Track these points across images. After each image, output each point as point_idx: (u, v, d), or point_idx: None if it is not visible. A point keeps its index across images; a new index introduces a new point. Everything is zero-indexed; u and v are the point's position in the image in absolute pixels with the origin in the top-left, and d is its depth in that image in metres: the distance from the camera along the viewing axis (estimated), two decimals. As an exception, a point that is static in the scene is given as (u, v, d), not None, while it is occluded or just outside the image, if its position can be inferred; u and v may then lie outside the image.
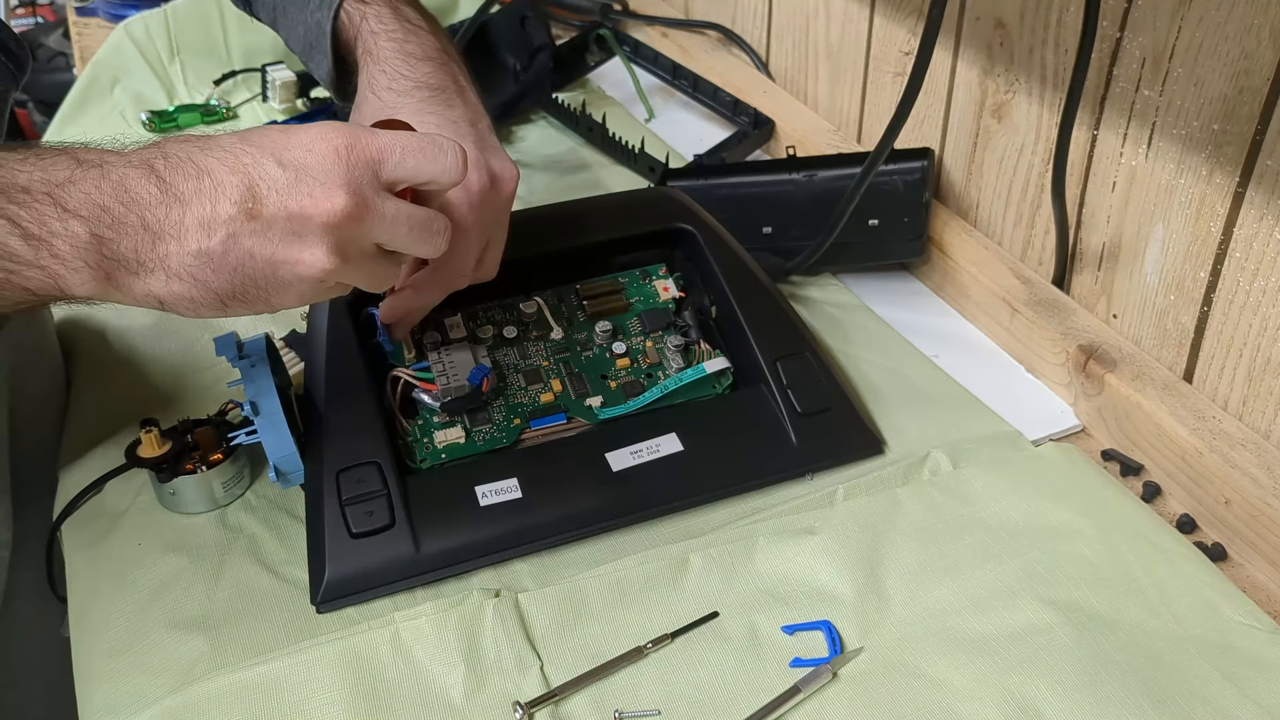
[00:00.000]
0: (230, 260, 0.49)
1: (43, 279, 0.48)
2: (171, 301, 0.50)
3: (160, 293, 0.50)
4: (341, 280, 0.52)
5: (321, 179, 0.50)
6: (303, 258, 0.50)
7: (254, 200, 0.49)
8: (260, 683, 0.56)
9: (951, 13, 0.86)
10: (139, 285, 0.49)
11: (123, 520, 0.67)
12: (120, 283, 0.49)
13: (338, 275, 0.51)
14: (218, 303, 0.50)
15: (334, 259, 0.50)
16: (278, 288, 0.51)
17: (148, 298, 0.50)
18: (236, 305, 0.51)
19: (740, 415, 0.70)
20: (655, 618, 0.60)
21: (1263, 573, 0.64)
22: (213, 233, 0.49)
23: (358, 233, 0.51)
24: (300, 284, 0.51)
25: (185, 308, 0.50)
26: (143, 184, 0.49)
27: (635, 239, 0.77)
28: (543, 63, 1.12)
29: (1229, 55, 0.65)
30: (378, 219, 0.51)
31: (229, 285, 0.50)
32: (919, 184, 0.84)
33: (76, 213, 0.48)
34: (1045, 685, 0.55)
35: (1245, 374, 0.69)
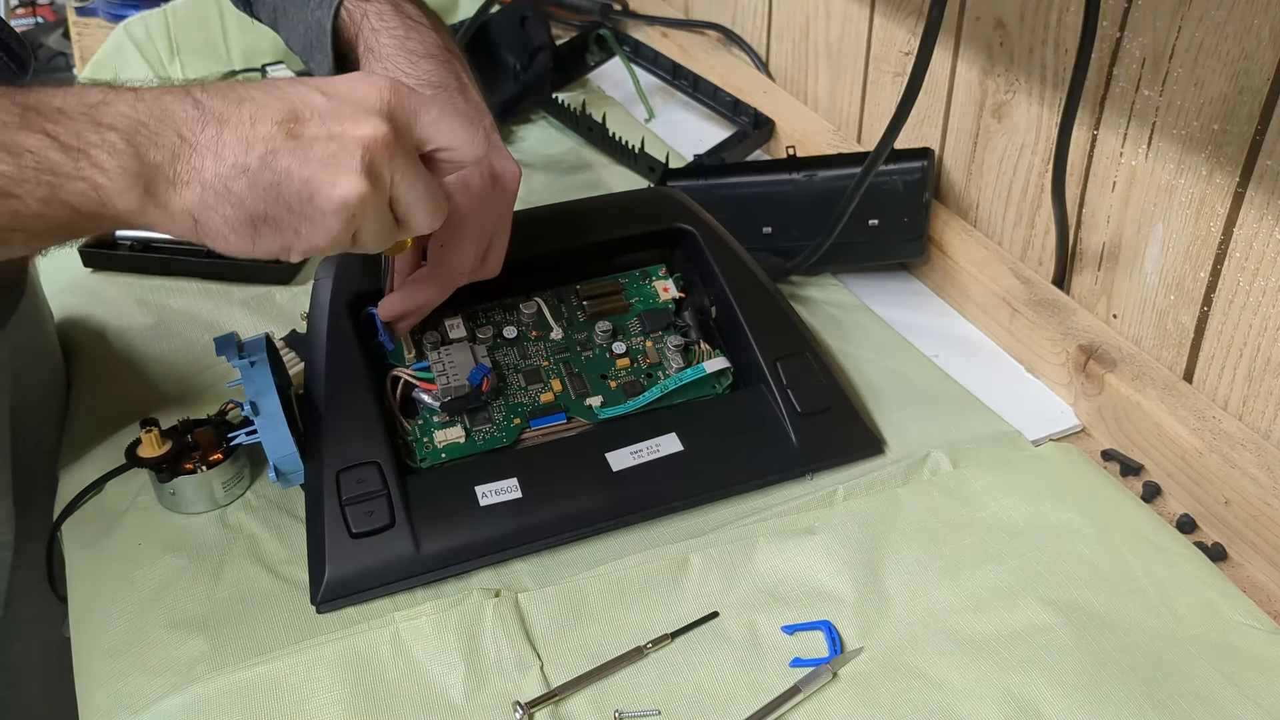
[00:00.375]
0: (266, 177, 0.49)
1: (85, 192, 0.48)
2: (205, 219, 0.50)
3: (194, 208, 0.49)
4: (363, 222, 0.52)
5: (363, 107, 0.50)
6: (339, 181, 0.50)
7: (295, 121, 0.49)
8: (260, 683, 0.56)
9: (951, 13, 0.86)
10: (176, 199, 0.49)
11: (123, 520, 0.67)
12: (159, 196, 0.49)
13: (367, 209, 0.51)
14: (249, 225, 0.50)
15: (365, 186, 0.50)
16: (308, 215, 0.50)
17: (184, 215, 0.50)
18: (267, 233, 0.51)
19: (740, 415, 0.70)
20: (655, 618, 0.60)
21: (1263, 573, 0.64)
22: (251, 148, 0.49)
23: (389, 167, 0.51)
24: (330, 212, 0.50)
25: (217, 227, 0.50)
26: (180, 104, 0.49)
27: (635, 239, 0.77)
28: (543, 63, 1.12)
29: (1229, 55, 0.65)
30: (407, 157, 0.52)
31: (262, 206, 0.50)
32: (919, 184, 0.84)
33: (112, 126, 0.48)
34: (1045, 685, 0.55)
35: (1245, 374, 0.69)
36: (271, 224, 0.50)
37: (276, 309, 0.86)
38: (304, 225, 0.51)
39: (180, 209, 0.49)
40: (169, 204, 0.49)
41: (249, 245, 0.51)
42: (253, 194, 0.49)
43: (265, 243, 0.51)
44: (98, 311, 0.85)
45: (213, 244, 0.51)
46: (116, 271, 0.90)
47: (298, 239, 0.51)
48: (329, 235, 0.51)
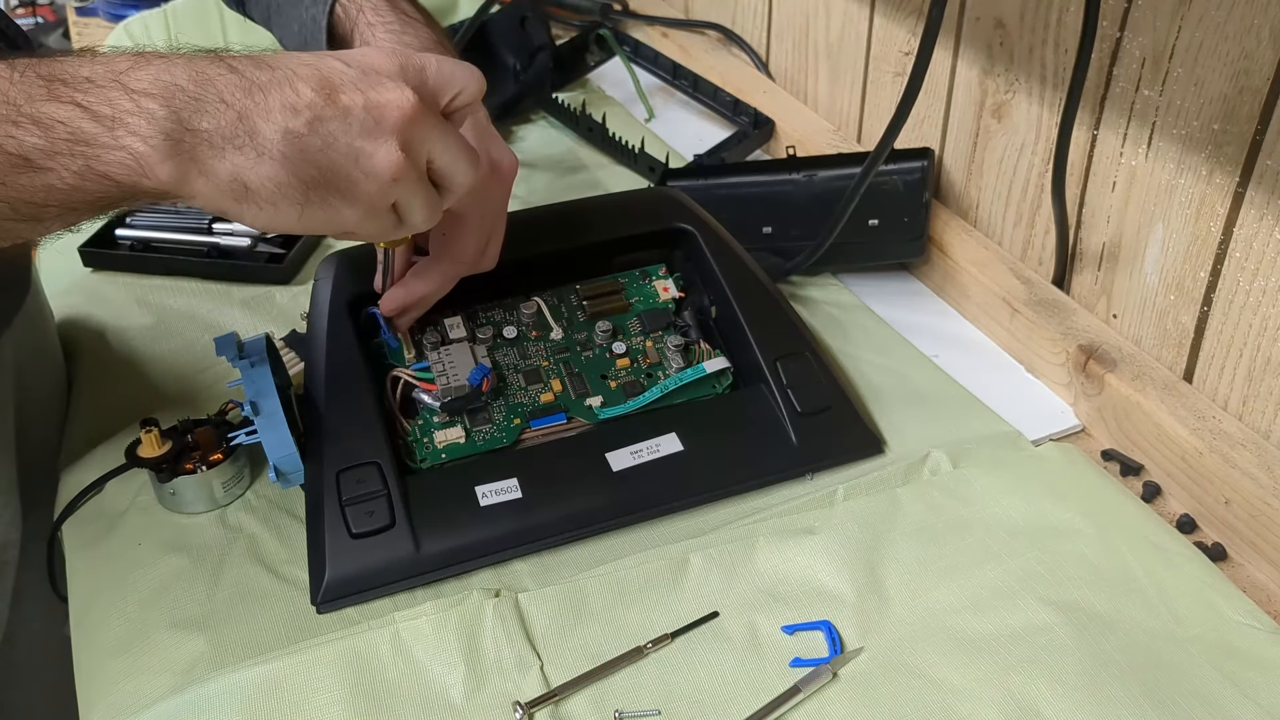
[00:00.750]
0: (315, 143, 0.49)
1: (123, 161, 0.46)
2: (257, 185, 0.48)
3: (247, 173, 0.48)
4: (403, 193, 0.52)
5: (388, 75, 0.51)
6: (379, 151, 0.50)
7: (330, 89, 0.49)
8: (260, 683, 0.56)
9: (951, 13, 0.86)
10: (224, 164, 0.48)
11: (123, 520, 0.67)
12: (204, 163, 0.47)
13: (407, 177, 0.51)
14: (301, 193, 0.49)
15: (404, 156, 0.50)
16: (354, 182, 0.50)
17: (233, 181, 0.48)
18: (316, 202, 0.50)
19: (740, 415, 0.70)
20: (655, 618, 0.60)
21: (1263, 573, 0.64)
22: (298, 114, 0.48)
23: (423, 135, 0.51)
24: (374, 182, 0.50)
25: (268, 197, 0.49)
26: (216, 69, 0.48)
27: (635, 239, 0.77)
28: (543, 63, 1.12)
29: (1229, 55, 0.65)
30: (435, 118, 0.52)
31: (314, 173, 0.49)
32: (919, 184, 0.84)
33: (147, 92, 0.46)
34: (1045, 685, 0.55)
35: (1245, 374, 0.69)
36: (320, 192, 0.50)
37: (276, 309, 0.86)
38: (348, 195, 0.50)
39: (229, 175, 0.48)
40: (215, 170, 0.48)
41: (294, 215, 0.50)
42: (304, 159, 0.49)
43: (313, 212, 0.50)
44: (98, 311, 0.85)
45: (257, 214, 0.49)
46: (116, 271, 0.90)
47: (342, 209, 0.51)
48: (370, 205, 0.51)
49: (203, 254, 0.90)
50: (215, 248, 0.90)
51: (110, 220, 0.93)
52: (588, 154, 1.07)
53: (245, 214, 0.49)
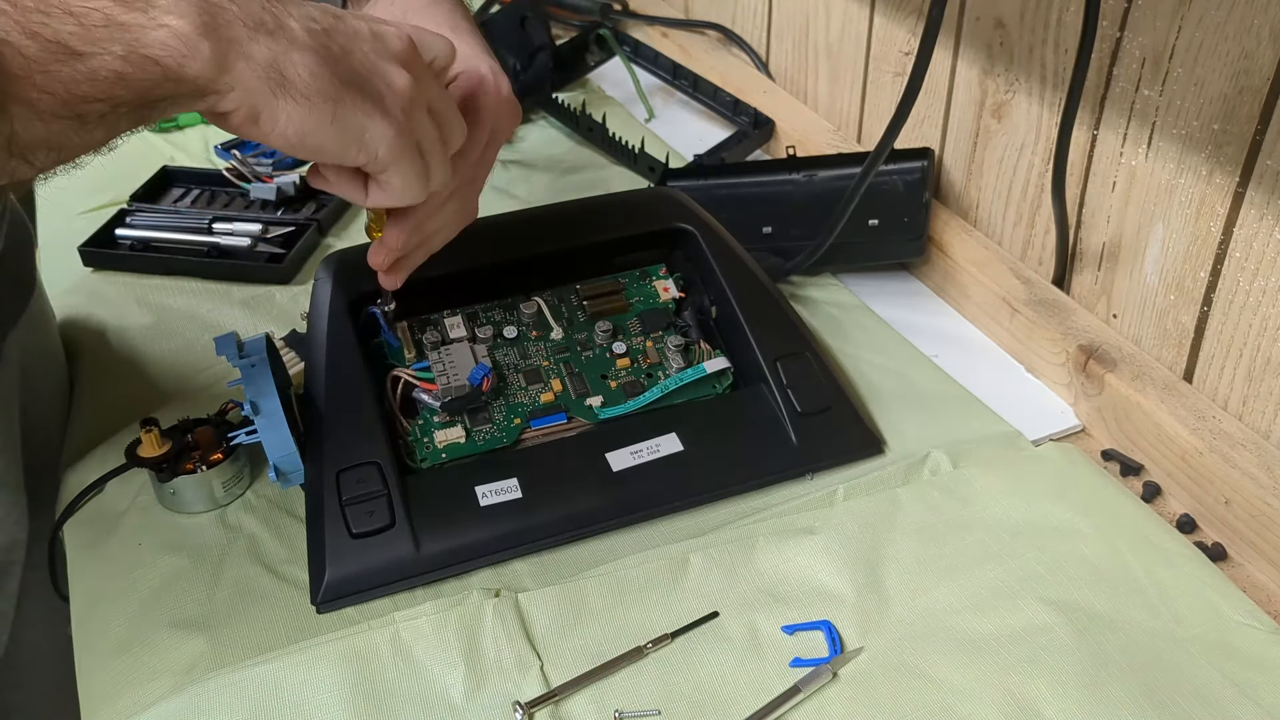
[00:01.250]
0: (337, 47, 0.49)
1: (165, 42, 0.45)
2: (293, 74, 0.48)
3: (283, 62, 0.47)
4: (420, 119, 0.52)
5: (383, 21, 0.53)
6: (391, 70, 0.51)
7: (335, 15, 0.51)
8: (260, 682, 0.56)
9: (951, 13, 0.86)
10: (262, 48, 0.47)
11: (123, 520, 0.67)
12: (242, 44, 0.46)
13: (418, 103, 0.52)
14: (335, 87, 0.49)
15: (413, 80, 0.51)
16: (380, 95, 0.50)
17: (270, 69, 0.47)
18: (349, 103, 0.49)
19: (740, 415, 0.70)
20: (655, 618, 0.60)
21: (1263, 573, 0.64)
22: (316, 20, 0.49)
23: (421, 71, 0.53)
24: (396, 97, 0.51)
25: (304, 89, 0.48)
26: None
27: (635, 239, 0.77)
28: (543, 63, 1.12)
29: (1229, 55, 0.65)
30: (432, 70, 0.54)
31: (344, 69, 0.49)
32: (919, 184, 0.84)
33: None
34: (1045, 685, 0.55)
35: (1245, 374, 0.69)
36: (353, 93, 0.49)
37: (276, 309, 0.86)
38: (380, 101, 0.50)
39: (266, 59, 0.47)
40: (254, 54, 0.47)
41: (328, 118, 0.49)
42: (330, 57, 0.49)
43: (345, 116, 0.49)
44: (98, 311, 0.85)
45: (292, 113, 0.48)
46: (116, 271, 0.90)
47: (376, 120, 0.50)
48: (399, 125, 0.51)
49: (203, 254, 0.90)
50: (215, 248, 0.90)
51: (110, 220, 0.93)
52: (588, 154, 1.07)
53: (281, 112, 0.48)
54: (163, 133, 1.10)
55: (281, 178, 0.97)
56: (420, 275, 0.71)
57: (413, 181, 0.54)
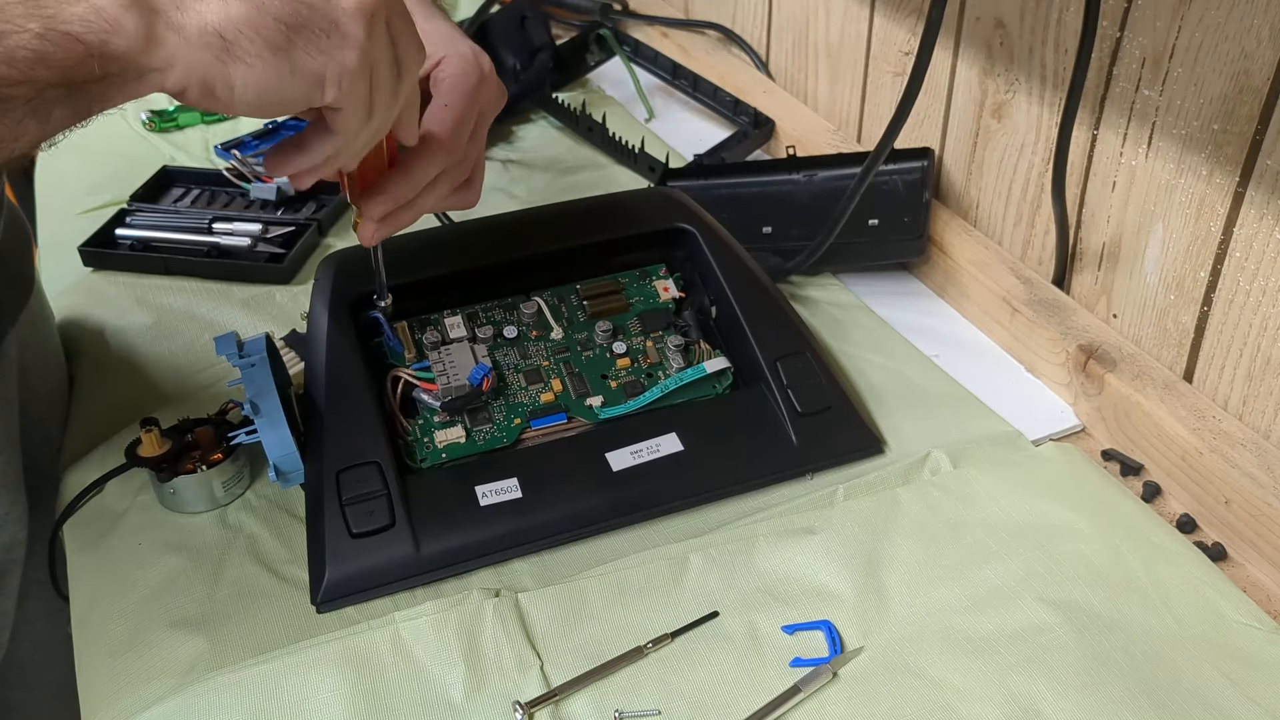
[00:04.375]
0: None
1: (85, 17, 0.42)
2: (233, 33, 0.45)
3: (217, 20, 0.44)
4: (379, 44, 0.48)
5: None
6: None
7: None
8: (260, 682, 0.56)
9: (951, 13, 0.86)
10: (191, 16, 0.44)
11: (123, 520, 0.67)
12: (168, 15, 0.44)
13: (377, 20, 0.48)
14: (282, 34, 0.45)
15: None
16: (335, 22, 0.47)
17: (205, 33, 0.44)
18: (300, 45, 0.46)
19: (740, 415, 0.70)
20: (655, 618, 0.60)
21: (1263, 573, 0.64)
22: None
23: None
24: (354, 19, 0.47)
25: (249, 45, 0.45)
26: None
27: (635, 239, 0.77)
28: (543, 63, 1.12)
29: (1229, 55, 0.65)
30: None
31: (289, 9, 0.45)
32: (919, 184, 0.84)
33: None
34: (1045, 685, 0.55)
35: (1245, 374, 0.69)
36: (303, 33, 0.46)
37: (276, 309, 0.86)
38: (334, 33, 0.47)
39: (200, 26, 0.44)
40: (184, 24, 0.44)
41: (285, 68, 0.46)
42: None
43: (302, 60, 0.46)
44: (98, 311, 0.85)
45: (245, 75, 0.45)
46: (116, 271, 0.90)
47: (331, 55, 0.47)
48: (360, 44, 0.47)
49: (203, 254, 0.90)
50: (215, 247, 0.90)
51: (110, 220, 0.93)
52: (588, 154, 1.07)
53: (235, 76, 0.45)
54: (162, 133, 1.10)
55: (282, 178, 0.97)
56: (420, 275, 0.72)
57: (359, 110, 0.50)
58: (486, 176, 0.70)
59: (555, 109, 1.12)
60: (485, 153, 0.67)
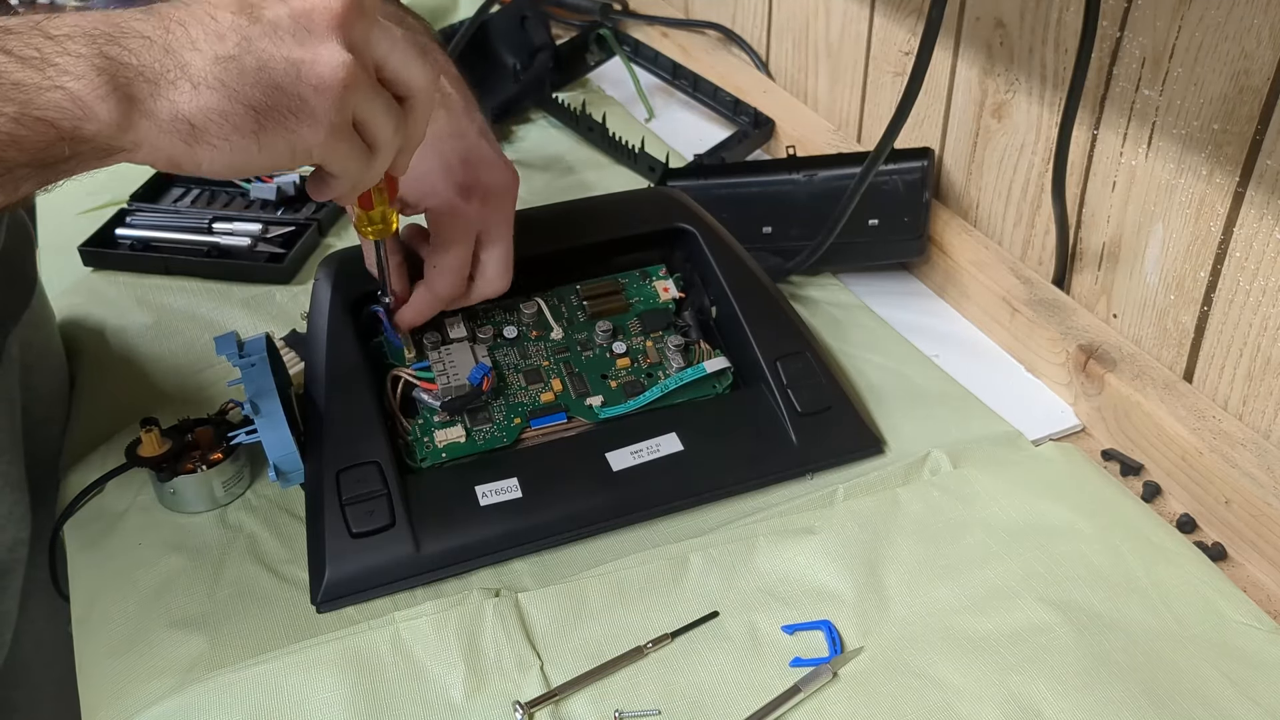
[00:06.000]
0: (251, 62, 0.46)
1: (60, 103, 0.43)
2: (203, 121, 0.45)
3: (189, 109, 0.45)
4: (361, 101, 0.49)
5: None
6: (320, 55, 0.47)
7: (250, 7, 0.47)
8: (260, 682, 0.56)
9: (951, 13, 0.86)
10: (164, 103, 0.45)
11: (123, 520, 0.67)
12: (143, 102, 0.45)
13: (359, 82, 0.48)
14: (251, 120, 0.46)
15: (350, 56, 0.47)
16: (306, 99, 0.47)
17: (176, 121, 0.45)
18: (270, 128, 0.47)
19: (740, 415, 0.70)
20: (655, 618, 0.60)
21: (1263, 573, 0.64)
22: (224, 39, 0.46)
23: (362, 28, 0.49)
24: (327, 91, 0.47)
25: (218, 131, 0.46)
26: (129, 14, 0.46)
27: (635, 239, 0.77)
28: (543, 63, 1.12)
29: (1229, 55, 0.65)
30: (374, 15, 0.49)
31: (259, 93, 0.46)
32: (919, 184, 0.84)
33: (69, 35, 0.44)
34: (1045, 685, 0.55)
35: (1245, 373, 0.69)
36: (272, 116, 0.46)
37: (276, 309, 0.86)
38: (304, 113, 0.47)
39: (172, 114, 0.45)
40: (157, 111, 0.45)
41: (253, 148, 0.47)
42: (244, 82, 0.46)
43: (270, 141, 0.47)
44: (98, 311, 0.85)
45: (214, 155, 0.46)
46: (116, 271, 0.90)
47: (300, 131, 0.47)
48: (329, 121, 0.48)
49: (203, 254, 0.90)
50: (215, 247, 0.90)
51: (110, 220, 0.93)
52: (588, 154, 1.07)
53: (202, 157, 0.46)
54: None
55: (282, 177, 0.97)
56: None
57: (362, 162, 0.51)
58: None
59: (555, 109, 1.12)
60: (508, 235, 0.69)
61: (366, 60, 0.49)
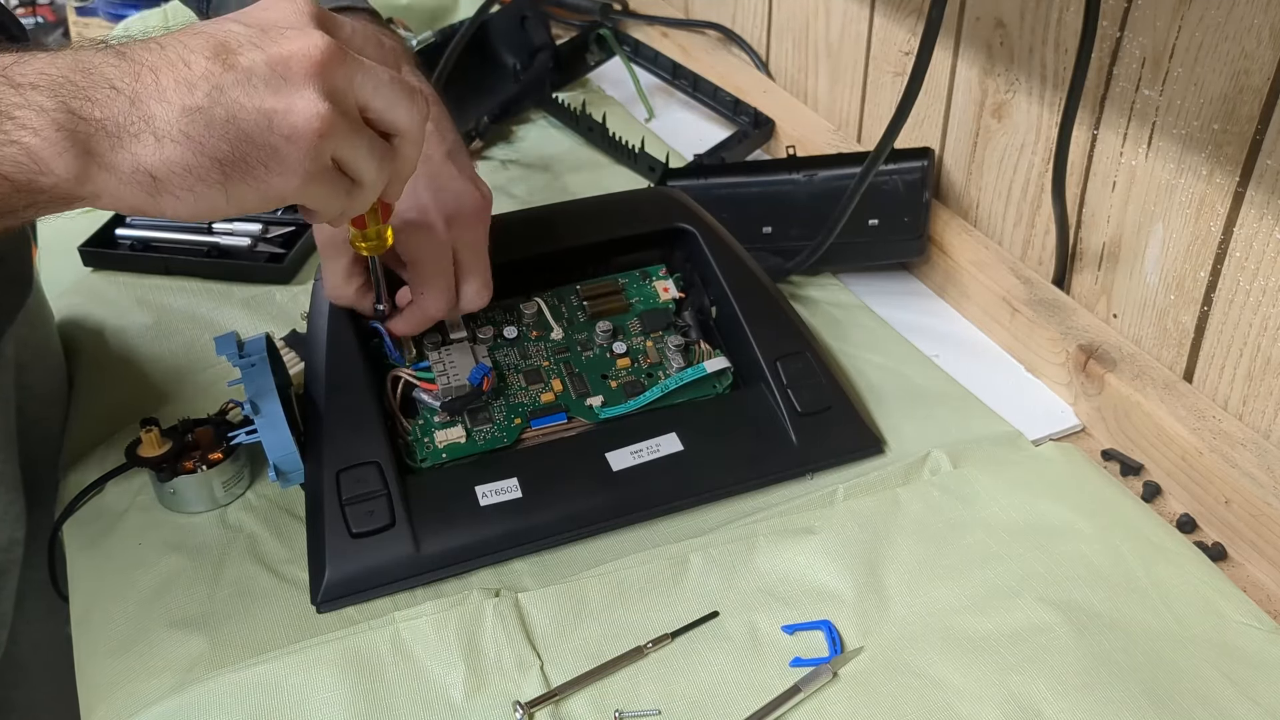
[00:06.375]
0: (220, 113, 0.45)
1: (15, 158, 0.43)
2: (166, 174, 0.45)
3: (151, 162, 0.44)
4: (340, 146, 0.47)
5: (291, 26, 0.47)
6: (295, 105, 0.46)
7: (227, 53, 0.45)
8: (260, 682, 0.56)
9: (951, 12, 0.86)
10: (125, 156, 0.44)
11: (123, 520, 0.67)
12: (103, 156, 0.44)
13: (336, 130, 0.47)
14: (217, 172, 0.45)
15: (327, 105, 0.46)
16: (277, 149, 0.46)
17: (137, 174, 0.44)
18: (239, 178, 0.46)
19: (740, 415, 0.70)
20: (655, 618, 0.60)
21: (1263, 573, 0.64)
22: (194, 89, 0.44)
23: (343, 75, 0.47)
24: (300, 141, 0.46)
25: (181, 183, 0.45)
26: (101, 57, 0.45)
27: (635, 239, 0.77)
28: (543, 63, 1.12)
29: (1229, 55, 0.65)
30: (358, 60, 0.48)
31: (226, 145, 0.45)
32: (919, 184, 0.84)
33: (34, 85, 0.43)
34: (1045, 685, 0.55)
35: (1245, 373, 0.69)
36: (241, 167, 0.45)
37: (276, 309, 0.86)
38: (274, 163, 0.46)
39: (130, 167, 0.44)
40: (117, 164, 0.44)
41: (220, 198, 0.46)
42: (211, 134, 0.45)
43: (238, 191, 0.46)
44: (98, 311, 0.85)
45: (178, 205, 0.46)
46: (116, 271, 0.90)
47: (271, 180, 0.46)
48: (304, 172, 0.47)
49: (203, 254, 0.90)
50: (215, 247, 0.90)
51: (110, 220, 0.93)
52: (588, 154, 1.07)
53: (165, 207, 0.46)
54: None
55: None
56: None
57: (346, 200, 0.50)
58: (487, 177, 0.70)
59: (555, 109, 1.12)
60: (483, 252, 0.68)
61: (349, 104, 0.48)
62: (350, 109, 0.48)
